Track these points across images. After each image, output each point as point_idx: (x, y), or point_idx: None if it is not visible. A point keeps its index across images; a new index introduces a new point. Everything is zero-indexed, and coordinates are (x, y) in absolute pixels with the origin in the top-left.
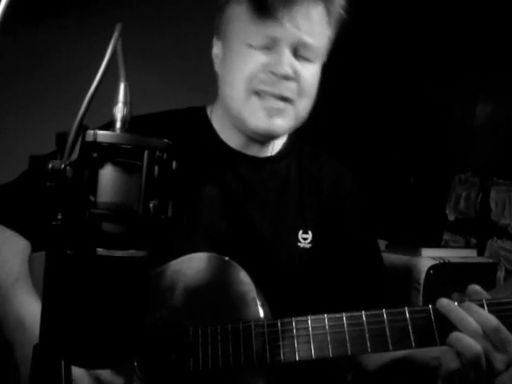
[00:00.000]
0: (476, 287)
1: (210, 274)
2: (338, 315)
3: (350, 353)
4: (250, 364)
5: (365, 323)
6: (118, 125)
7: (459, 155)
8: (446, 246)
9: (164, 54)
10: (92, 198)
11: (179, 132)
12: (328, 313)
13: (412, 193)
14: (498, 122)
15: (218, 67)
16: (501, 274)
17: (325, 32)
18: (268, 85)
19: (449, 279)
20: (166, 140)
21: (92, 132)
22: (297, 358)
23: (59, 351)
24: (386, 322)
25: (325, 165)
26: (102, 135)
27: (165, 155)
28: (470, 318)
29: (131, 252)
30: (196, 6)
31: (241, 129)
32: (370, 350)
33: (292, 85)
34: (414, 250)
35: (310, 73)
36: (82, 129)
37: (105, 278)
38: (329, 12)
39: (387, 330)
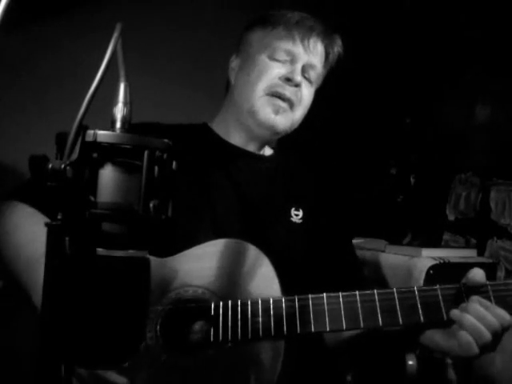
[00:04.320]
0: (476, 278)
1: (235, 256)
2: (351, 293)
3: (362, 326)
4: (267, 336)
5: (376, 300)
6: (118, 125)
7: (459, 155)
8: (446, 246)
9: (164, 54)
10: (92, 198)
11: (185, 139)
12: (317, 287)
13: (412, 193)
14: (498, 122)
15: (233, 77)
16: (501, 274)
17: (322, 64)
18: (280, 88)
19: (449, 279)
20: (165, 140)
21: (92, 132)
22: (312, 330)
23: (60, 352)
24: (396, 298)
25: (309, 165)
26: (102, 135)
27: (165, 155)
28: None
29: (131, 252)
30: (196, 6)
31: (248, 123)
32: (381, 323)
33: (298, 92)
34: (414, 250)
35: (309, 91)
36: (82, 129)
37: (105, 277)
38: (327, 53)
39: (397, 305)
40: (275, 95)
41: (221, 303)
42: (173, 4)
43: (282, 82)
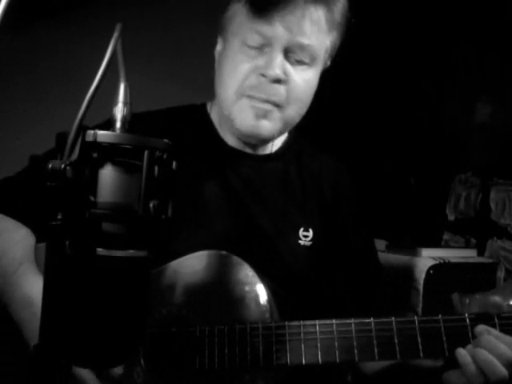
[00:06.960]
0: (496, 299)
1: (218, 271)
2: (346, 321)
3: (357, 359)
4: (255, 366)
5: (373, 330)
6: (118, 125)
7: (459, 155)
8: (446, 246)
9: (164, 54)
10: (92, 198)
11: (179, 130)
12: (329, 311)
13: (412, 193)
14: (498, 121)
15: (216, 65)
16: (501, 274)
17: (325, 35)
18: (256, 90)
19: (449, 279)
20: (166, 140)
21: (92, 132)
22: (303, 362)
23: (59, 351)
24: (394, 330)
25: (324, 163)
26: (102, 135)
27: (165, 155)
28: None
29: (131, 252)
30: (196, 6)
31: (231, 129)
32: (377, 357)
33: (281, 89)
34: (414, 250)
35: (303, 78)
36: (82, 129)
37: (105, 278)
38: (330, 15)
39: (395, 338)
40: (253, 97)
41: (206, 329)
42: (173, 3)
43: (257, 78)
